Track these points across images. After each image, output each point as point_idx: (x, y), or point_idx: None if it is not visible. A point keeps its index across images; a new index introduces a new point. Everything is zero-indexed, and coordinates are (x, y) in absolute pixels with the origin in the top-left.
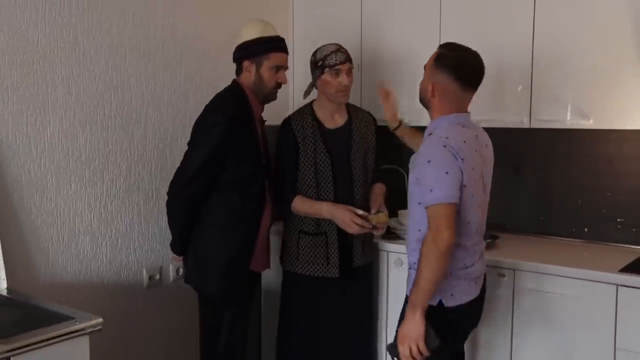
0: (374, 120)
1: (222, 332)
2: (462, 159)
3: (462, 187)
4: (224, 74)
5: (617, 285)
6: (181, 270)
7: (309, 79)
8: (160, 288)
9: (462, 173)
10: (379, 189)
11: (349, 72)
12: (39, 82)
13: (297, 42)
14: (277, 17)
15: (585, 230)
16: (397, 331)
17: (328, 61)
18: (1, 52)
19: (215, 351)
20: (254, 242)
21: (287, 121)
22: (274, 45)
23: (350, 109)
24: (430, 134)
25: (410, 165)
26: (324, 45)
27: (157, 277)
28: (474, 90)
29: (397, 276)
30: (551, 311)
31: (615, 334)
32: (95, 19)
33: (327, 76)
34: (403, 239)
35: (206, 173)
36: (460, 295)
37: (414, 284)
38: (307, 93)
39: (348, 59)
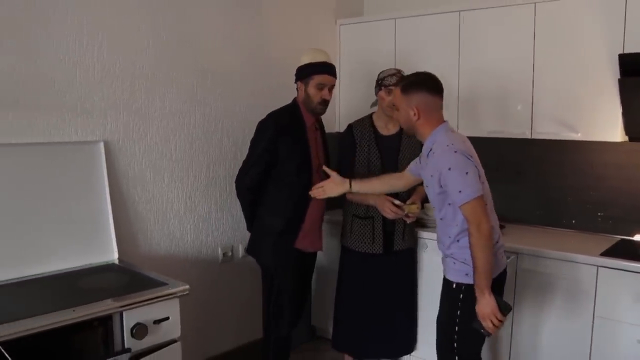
0: None
1: (273, 294)
2: (471, 156)
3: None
4: (281, 91)
5: (598, 266)
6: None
7: (353, 98)
8: (231, 263)
9: (476, 168)
10: (420, 190)
11: None
12: (142, 99)
13: (343, 69)
14: (325, 48)
15: (573, 221)
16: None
17: (384, 82)
18: (116, 76)
19: (268, 307)
20: (298, 225)
21: (350, 126)
22: (318, 68)
23: None
24: (430, 149)
25: (426, 178)
26: (387, 69)
27: (229, 254)
28: (442, 97)
29: (422, 257)
30: (545, 287)
31: (594, 305)
32: (185, 49)
33: (382, 93)
34: (427, 226)
35: (259, 164)
36: (495, 267)
37: (475, 271)
38: (373, 104)
39: None
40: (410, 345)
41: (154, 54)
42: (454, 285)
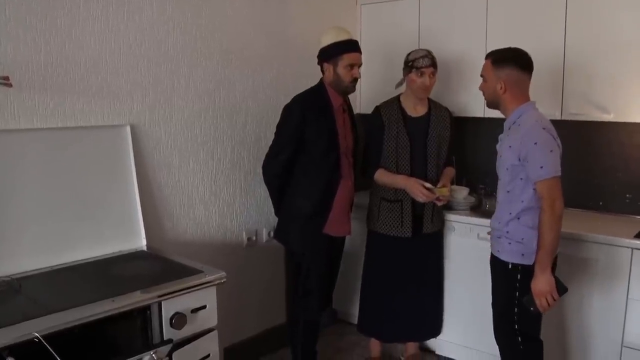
0: (450, 114)
1: (301, 278)
2: (556, 137)
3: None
4: (304, 72)
5: (632, 248)
6: (272, 234)
7: (374, 77)
8: (255, 247)
9: (559, 148)
10: (449, 172)
11: (432, 75)
12: (168, 80)
13: (364, 49)
14: (346, 26)
15: (600, 203)
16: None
17: (416, 63)
18: (142, 56)
19: (297, 291)
20: (327, 210)
21: (377, 108)
22: (346, 47)
23: (431, 103)
24: (514, 122)
25: (501, 148)
26: (417, 50)
27: (254, 238)
28: (531, 75)
29: (450, 239)
30: (577, 269)
31: (628, 287)
32: (210, 31)
33: (413, 75)
34: (454, 209)
35: (286, 150)
36: None
37: (540, 248)
38: (398, 85)
39: (432, 65)
40: (436, 328)
41: (180, 36)
42: (510, 266)
